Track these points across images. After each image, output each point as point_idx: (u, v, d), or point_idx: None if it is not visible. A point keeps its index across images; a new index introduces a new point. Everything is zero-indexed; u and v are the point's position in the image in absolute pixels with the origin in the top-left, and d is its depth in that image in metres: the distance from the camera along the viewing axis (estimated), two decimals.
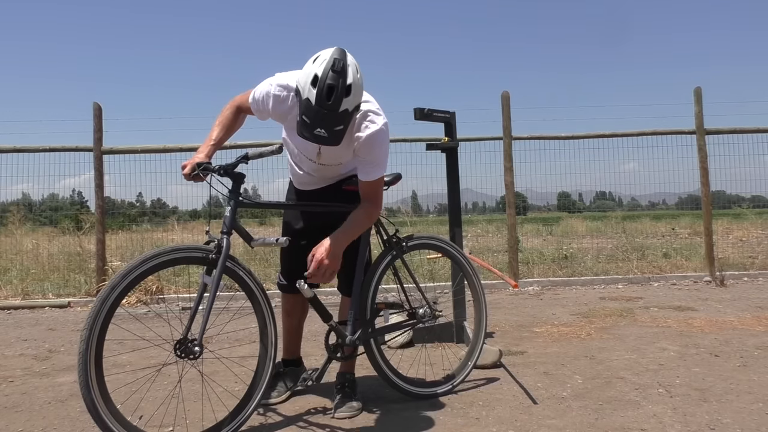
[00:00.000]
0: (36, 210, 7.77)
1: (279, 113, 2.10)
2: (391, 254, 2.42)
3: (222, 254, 1.96)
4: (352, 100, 1.84)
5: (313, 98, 1.78)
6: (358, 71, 1.87)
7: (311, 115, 1.79)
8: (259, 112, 2.14)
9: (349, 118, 1.87)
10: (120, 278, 1.78)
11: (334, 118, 1.81)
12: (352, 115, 1.89)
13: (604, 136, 6.28)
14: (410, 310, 2.49)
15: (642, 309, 4.36)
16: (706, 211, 6.10)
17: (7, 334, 4.07)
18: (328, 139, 1.83)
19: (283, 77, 2.07)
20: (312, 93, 1.78)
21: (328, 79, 1.77)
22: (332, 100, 1.78)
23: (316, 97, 1.78)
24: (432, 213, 9.59)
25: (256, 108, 2.13)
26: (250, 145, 5.60)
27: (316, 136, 1.82)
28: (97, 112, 5.66)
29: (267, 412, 2.29)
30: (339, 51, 1.84)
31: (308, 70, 1.82)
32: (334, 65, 1.79)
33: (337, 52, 1.83)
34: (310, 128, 1.81)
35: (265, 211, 7.66)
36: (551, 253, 7.20)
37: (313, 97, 1.78)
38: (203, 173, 2.02)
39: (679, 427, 2.02)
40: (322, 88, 1.77)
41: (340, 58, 1.81)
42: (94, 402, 1.69)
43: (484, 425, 2.10)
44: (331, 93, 1.78)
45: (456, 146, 3.48)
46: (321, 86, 1.77)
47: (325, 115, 1.79)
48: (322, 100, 1.77)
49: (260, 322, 2.11)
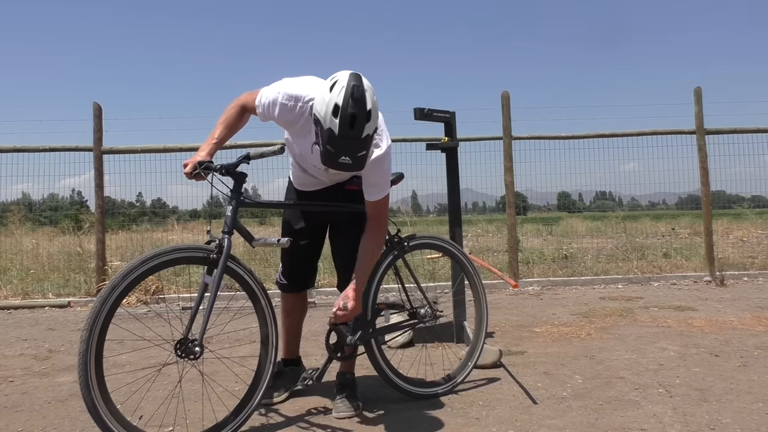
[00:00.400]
0: (36, 210, 7.77)
1: (285, 121, 2.09)
2: (393, 254, 2.42)
3: (223, 254, 1.96)
4: (372, 124, 1.84)
5: (336, 128, 1.77)
6: (374, 94, 1.86)
7: (335, 144, 1.78)
8: (263, 117, 2.14)
9: (371, 142, 1.88)
10: (120, 278, 1.78)
11: (358, 144, 1.81)
12: (372, 139, 1.89)
13: (604, 136, 6.28)
14: (411, 309, 2.50)
15: (642, 309, 4.36)
16: (706, 211, 6.10)
17: (7, 333, 4.07)
18: (352, 166, 1.83)
19: (291, 86, 2.05)
20: (335, 123, 1.77)
21: (350, 108, 1.76)
22: (355, 128, 1.77)
23: (339, 127, 1.76)
24: (432, 213, 9.59)
25: (262, 112, 2.12)
26: (250, 144, 5.60)
27: (341, 164, 1.81)
28: (97, 112, 5.66)
29: (267, 411, 2.29)
30: (356, 77, 1.82)
31: (327, 98, 1.80)
32: (354, 93, 1.77)
33: (354, 77, 1.82)
34: (335, 157, 1.80)
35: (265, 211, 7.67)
36: (551, 253, 7.20)
37: (336, 128, 1.77)
38: (204, 172, 2.01)
39: (679, 427, 2.02)
40: (345, 117, 1.76)
41: (358, 84, 1.80)
42: (95, 402, 1.69)
43: (484, 425, 2.10)
44: (354, 121, 1.77)
45: (456, 146, 3.48)
46: (344, 116, 1.76)
47: (348, 143, 1.79)
48: (346, 130, 1.77)
49: (261, 322, 2.11)
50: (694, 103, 6.12)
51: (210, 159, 2.06)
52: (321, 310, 4.73)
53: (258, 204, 2.52)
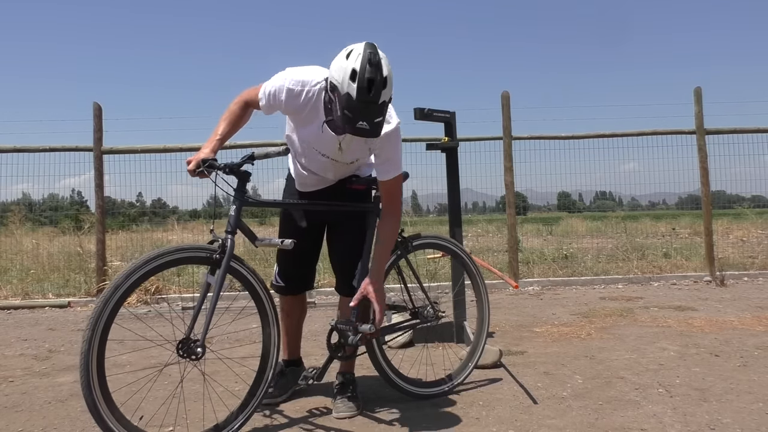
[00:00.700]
0: (36, 210, 7.77)
1: (292, 108, 2.08)
2: (396, 254, 2.42)
3: (226, 254, 1.95)
4: (388, 91, 1.87)
5: (354, 92, 1.80)
6: (388, 63, 1.89)
7: (353, 109, 1.81)
8: (269, 107, 2.13)
9: (386, 109, 1.90)
10: (123, 278, 1.77)
11: (375, 110, 1.84)
12: (387, 106, 1.91)
13: (604, 136, 6.28)
14: (413, 309, 2.49)
15: (642, 309, 4.37)
16: (706, 211, 6.10)
17: (7, 334, 4.08)
18: (369, 131, 1.85)
19: (297, 72, 2.07)
20: (352, 87, 1.80)
21: (367, 72, 1.80)
22: (372, 93, 1.81)
23: (357, 91, 1.79)
24: (432, 213, 9.59)
25: (267, 102, 2.11)
26: (250, 144, 5.60)
27: (359, 129, 1.83)
28: (97, 112, 5.66)
29: (267, 411, 2.29)
30: (371, 45, 1.86)
31: (343, 65, 1.83)
32: (371, 59, 1.81)
33: (369, 46, 1.85)
34: (353, 122, 1.82)
35: (265, 211, 7.66)
36: (551, 253, 7.20)
37: (354, 92, 1.80)
38: (208, 170, 1.98)
39: (679, 427, 2.02)
40: (362, 81, 1.79)
41: (374, 52, 1.84)
42: (96, 402, 1.69)
43: (484, 425, 2.10)
44: (371, 86, 1.80)
45: (456, 146, 3.48)
46: (361, 80, 1.79)
47: (366, 108, 1.81)
48: (363, 94, 1.80)
49: (263, 323, 2.11)
50: (694, 103, 6.12)
51: (214, 156, 2.04)
52: (321, 310, 4.73)
53: (262, 203, 2.50)
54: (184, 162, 2.06)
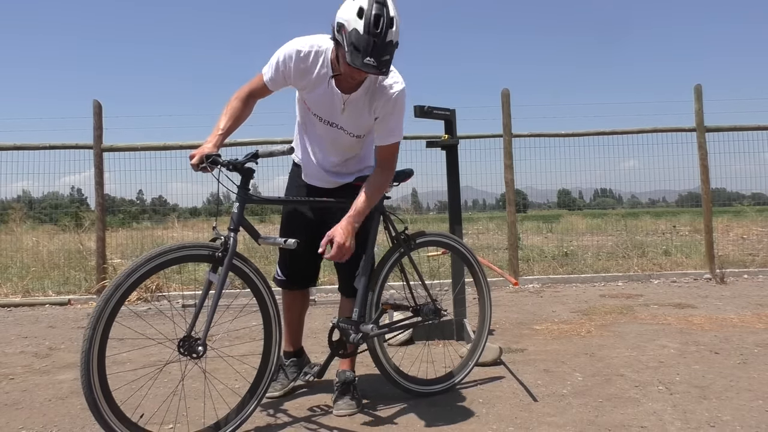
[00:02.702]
0: (36, 207, 7.77)
1: (301, 69, 2.09)
2: (399, 251, 2.42)
3: (229, 252, 1.94)
4: (395, 32, 1.88)
5: (361, 27, 1.82)
6: (395, 6, 1.90)
7: (360, 43, 1.82)
8: (275, 81, 2.15)
9: (393, 51, 1.91)
10: (125, 277, 1.76)
11: (383, 47, 1.85)
12: (395, 48, 1.92)
13: (605, 133, 6.27)
14: (415, 307, 2.49)
15: (642, 306, 4.37)
16: (707, 208, 6.10)
17: (7, 331, 4.08)
18: (377, 68, 1.86)
19: (303, 38, 2.11)
20: (359, 23, 1.82)
21: (374, 9, 1.83)
22: (380, 29, 1.83)
23: (364, 26, 1.82)
24: (432, 210, 9.59)
25: (273, 75, 2.13)
26: (251, 142, 5.60)
27: (366, 64, 1.84)
28: (96, 109, 5.65)
29: (268, 409, 2.30)
30: None
31: (350, 4, 1.87)
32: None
33: None
34: (360, 57, 1.83)
35: (266, 209, 7.66)
36: (551, 250, 7.20)
37: (361, 27, 1.82)
38: (211, 166, 1.96)
39: (679, 424, 2.02)
40: (369, 17, 1.82)
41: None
42: (96, 401, 1.69)
43: (484, 422, 2.10)
44: (378, 21, 1.82)
45: (456, 144, 3.48)
46: (368, 15, 1.82)
47: (374, 43, 1.83)
48: (371, 28, 1.82)
49: (265, 321, 2.10)
50: (694, 100, 6.12)
51: (217, 151, 2.03)
52: (321, 308, 4.73)
53: (265, 201, 2.47)
54: (186, 158, 2.05)
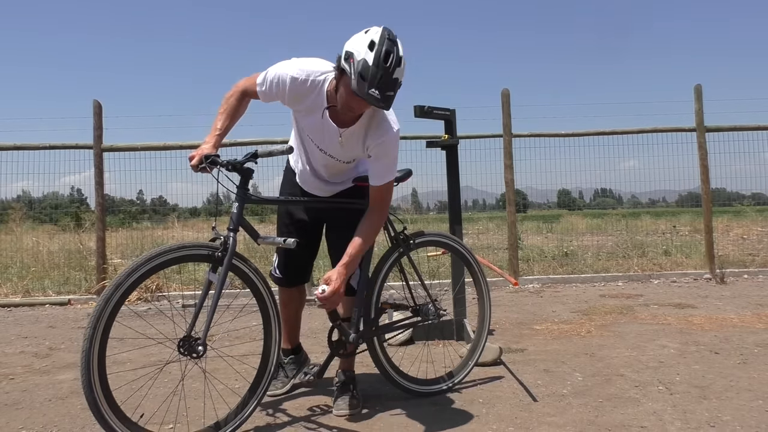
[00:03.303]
0: (36, 207, 7.77)
1: (295, 95, 2.06)
2: (398, 251, 2.42)
3: (228, 252, 1.94)
4: (401, 72, 1.90)
5: (371, 59, 1.82)
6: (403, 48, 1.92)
7: (368, 74, 1.83)
8: (267, 95, 2.11)
9: (397, 89, 1.92)
10: (125, 277, 1.76)
11: (389, 82, 1.86)
12: (399, 87, 1.93)
13: (605, 133, 6.27)
14: (415, 307, 2.49)
15: (642, 306, 4.37)
16: (707, 208, 6.10)
17: (7, 331, 4.08)
18: (380, 101, 1.86)
19: (302, 61, 2.07)
20: (370, 55, 1.83)
21: (385, 45, 1.84)
22: (389, 64, 1.84)
23: (374, 58, 1.82)
24: (432, 210, 9.59)
25: (266, 90, 2.09)
26: (250, 142, 5.60)
27: (370, 95, 1.84)
28: (97, 109, 5.65)
29: (268, 409, 2.30)
30: (388, 29, 1.90)
31: (362, 38, 1.88)
32: (389, 35, 1.87)
33: (387, 29, 1.89)
34: (366, 87, 1.83)
35: (265, 208, 7.65)
36: (551, 250, 7.20)
37: (371, 58, 1.82)
38: (210, 166, 1.97)
39: (678, 424, 2.02)
40: (380, 51, 1.83)
41: (391, 32, 1.89)
42: (97, 401, 1.69)
43: (484, 422, 2.10)
44: (389, 57, 1.84)
45: (456, 144, 3.48)
46: (379, 50, 1.83)
47: (381, 76, 1.83)
48: (380, 62, 1.82)
49: (265, 320, 2.11)
50: (694, 100, 6.11)
51: (216, 151, 2.04)
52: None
53: (264, 201, 2.47)
54: (186, 159, 2.05)
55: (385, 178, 2.13)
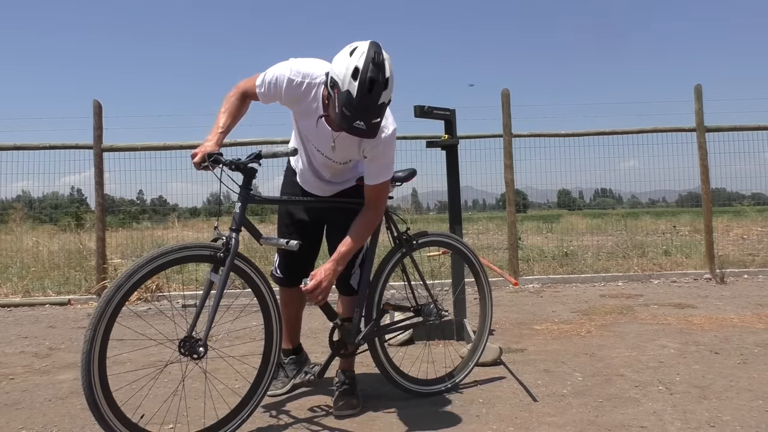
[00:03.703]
0: (36, 207, 7.77)
1: (291, 97, 2.06)
2: (401, 251, 2.41)
3: (231, 252, 1.94)
4: (388, 93, 1.86)
5: (355, 91, 1.78)
6: (391, 65, 1.87)
7: (352, 107, 1.79)
8: (266, 96, 2.11)
9: (384, 111, 1.89)
10: (126, 278, 1.76)
11: (374, 110, 1.82)
12: (387, 107, 1.90)
13: (605, 133, 6.27)
14: (416, 307, 2.49)
15: (642, 306, 4.37)
16: (707, 208, 6.10)
17: (7, 331, 4.08)
18: (366, 132, 1.84)
19: (301, 64, 2.05)
20: (353, 86, 1.78)
21: (369, 72, 1.78)
22: (372, 93, 1.80)
23: (357, 89, 1.78)
24: (432, 210, 9.59)
25: (265, 91, 2.09)
26: (251, 142, 5.60)
27: (355, 128, 1.82)
28: (97, 109, 5.65)
29: (268, 409, 2.30)
30: (375, 44, 1.84)
31: (346, 62, 1.82)
32: (374, 59, 1.80)
33: (374, 45, 1.84)
34: (350, 120, 1.81)
35: (266, 208, 7.65)
36: (551, 250, 7.20)
37: (355, 90, 1.78)
38: (212, 165, 1.96)
39: (679, 424, 2.02)
40: (364, 80, 1.78)
41: (378, 52, 1.82)
42: (97, 402, 1.69)
43: (484, 422, 2.10)
44: (372, 85, 1.79)
45: (456, 144, 3.48)
46: (363, 79, 1.78)
47: (365, 107, 1.80)
48: (364, 93, 1.78)
49: (266, 321, 2.10)
50: (694, 100, 6.11)
51: (218, 150, 2.02)
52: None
53: (267, 201, 2.46)
54: (186, 157, 2.04)
55: (381, 177, 2.12)
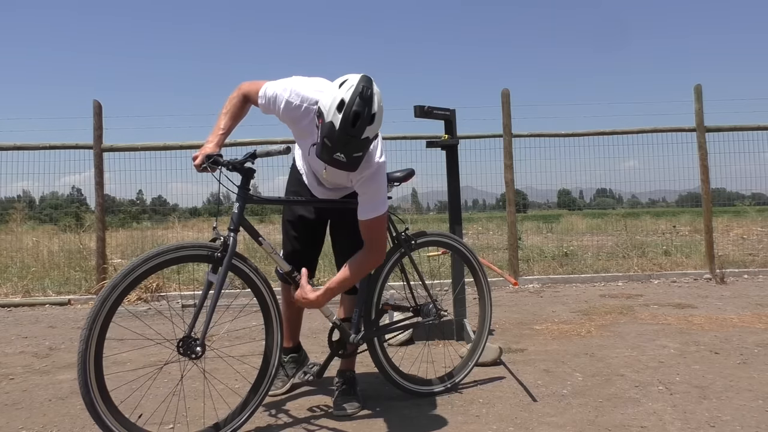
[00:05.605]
0: (36, 207, 7.77)
1: (288, 118, 2.07)
2: (400, 251, 2.41)
3: (228, 252, 1.94)
4: (374, 128, 1.84)
5: (338, 123, 1.77)
6: (381, 100, 1.86)
7: (333, 139, 1.79)
8: (266, 109, 2.12)
9: (368, 146, 1.88)
10: (121, 277, 1.76)
11: (356, 144, 1.81)
12: (371, 143, 1.89)
13: (605, 133, 6.27)
14: (415, 307, 2.49)
15: (642, 306, 4.37)
16: (707, 208, 6.10)
17: (7, 331, 4.08)
18: (346, 165, 1.84)
19: (301, 85, 2.03)
20: (337, 118, 1.77)
21: (355, 105, 1.77)
22: (356, 127, 1.78)
23: (341, 122, 1.77)
24: (432, 210, 9.59)
25: (265, 104, 2.10)
26: (250, 142, 5.60)
27: (335, 160, 1.82)
28: (97, 110, 5.65)
29: (268, 409, 2.30)
30: (366, 78, 1.83)
31: (334, 94, 1.81)
32: (362, 92, 1.79)
33: (365, 79, 1.82)
34: (330, 152, 1.80)
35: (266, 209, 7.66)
36: (551, 250, 7.20)
37: (338, 122, 1.77)
38: (212, 166, 1.98)
39: (679, 424, 2.02)
40: (348, 114, 1.76)
41: (367, 86, 1.81)
42: (94, 402, 1.69)
43: (484, 422, 2.10)
44: (357, 120, 1.77)
45: (456, 144, 3.47)
46: (347, 112, 1.76)
47: (347, 140, 1.79)
48: (347, 127, 1.77)
49: (266, 320, 2.10)
50: (694, 100, 6.11)
51: (218, 151, 2.04)
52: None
53: (265, 201, 2.46)
54: (186, 157, 2.06)
55: (372, 212, 2.05)
